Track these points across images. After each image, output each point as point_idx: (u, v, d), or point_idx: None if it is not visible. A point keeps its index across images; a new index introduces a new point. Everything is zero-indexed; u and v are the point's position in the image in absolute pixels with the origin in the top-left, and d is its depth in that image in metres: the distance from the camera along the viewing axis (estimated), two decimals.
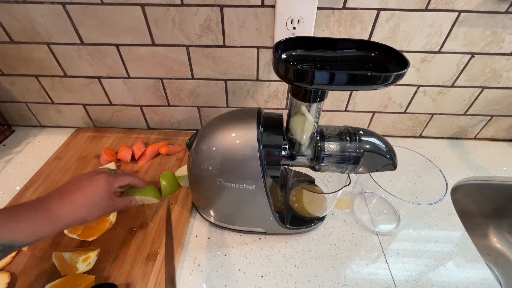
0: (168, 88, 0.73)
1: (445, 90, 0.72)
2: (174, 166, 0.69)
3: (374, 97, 0.73)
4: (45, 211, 0.39)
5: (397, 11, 0.58)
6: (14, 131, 0.83)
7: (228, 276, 0.50)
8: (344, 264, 0.52)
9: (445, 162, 0.75)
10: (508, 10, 0.58)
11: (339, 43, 0.40)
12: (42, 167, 0.69)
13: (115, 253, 0.51)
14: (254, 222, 0.54)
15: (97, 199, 0.44)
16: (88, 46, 0.65)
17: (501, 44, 0.63)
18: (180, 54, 0.66)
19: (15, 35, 0.64)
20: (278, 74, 0.36)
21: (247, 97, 0.74)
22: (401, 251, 0.55)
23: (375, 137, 0.46)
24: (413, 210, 0.53)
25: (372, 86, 0.34)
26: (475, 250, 0.55)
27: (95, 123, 0.83)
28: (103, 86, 0.73)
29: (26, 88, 0.74)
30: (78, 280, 0.45)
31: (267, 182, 0.47)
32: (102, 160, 0.69)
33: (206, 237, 0.56)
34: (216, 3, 0.57)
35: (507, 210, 0.76)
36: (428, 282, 0.50)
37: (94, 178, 0.45)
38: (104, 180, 0.45)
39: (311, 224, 0.56)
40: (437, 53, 0.64)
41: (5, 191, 0.64)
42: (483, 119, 0.78)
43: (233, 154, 0.45)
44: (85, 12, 0.60)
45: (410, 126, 0.81)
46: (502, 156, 0.77)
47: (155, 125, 0.83)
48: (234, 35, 0.62)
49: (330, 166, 0.46)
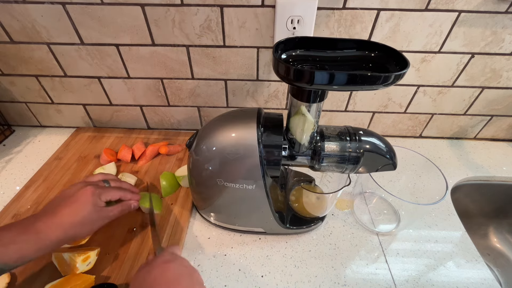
0: (168, 88, 0.73)
1: (445, 90, 0.72)
2: (174, 166, 0.69)
3: (374, 97, 0.73)
4: (33, 234, 0.38)
5: (397, 11, 0.58)
6: (14, 131, 0.83)
7: (228, 276, 0.50)
8: (344, 264, 0.52)
9: (445, 162, 0.75)
10: (508, 10, 0.58)
11: (339, 43, 0.40)
12: (42, 167, 0.69)
13: (115, 253, 0.51)
14: (254, 222, 0.54)
15: (85, 215, 0.42)
16: (88, 46, 0.65)
17: (501, 44, 0.63)
18: (180, 54, 0.66)
19: (15, 35, 0.64)
20: (278, 74, 0.36)
21: (247, 97, 0.74)
22: (401, 251, 0.55)
23: (375, 137, 0.46)
24: (413, 210, 0.53)
25: (372, 86, 0.34)
26: (475, 250, 0.55)
27: (95, 123, 0.83)
28: (103, 86, 0.73)
29: (26, 88, 0.74)
30: (78, 280, 0.45)
31: (267, 182, 0.47)
32: (102, 160, 0.69)
33: (206, 237, 0.56)
34: (216, 3, 0.57)
35: (507, 210, 0.76)
36: (428, 282, 0.50)
37: (79, 193, 0.44)
38: (90, 194, 0.44)
39: (311, 224, 0.56)
40: (437, 53, 0.64)
41: (5, 191, 0.64)
42: (483, 119, 0.78)
43: (233, 154, 0.45)
44: (85, 12, 0.60)
45: (410, 126, 0.81)
46: (502, 156, 0.77)
47: (155, 125, 0.83)
48: (234, 35, 0.62)
49: (330, 166, 0.46)
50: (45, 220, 0.40)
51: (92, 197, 0.44)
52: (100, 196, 0.45)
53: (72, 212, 0.42)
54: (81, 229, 0.43)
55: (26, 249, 0.37)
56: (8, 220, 0.56)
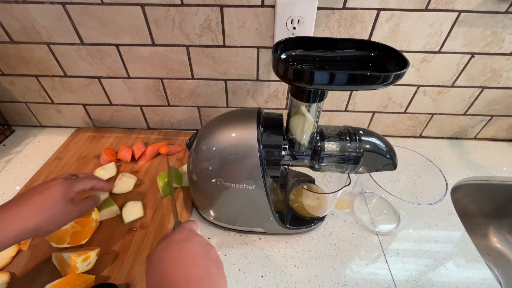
0: (168, 88, 0.73)
1: (445, 90, 0.72)
2: (174, 166, 0.69)
3: (374, 97, 0.73)
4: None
5: (397, 11, 0.58)
6: (14, 131, 0.83)
7: (228, 276, 0.50)
8: (344, 264, 0.52)
9: (445, 162, 0.75)
10: (508, 10, 0.58)
11: (338, 43, 0.40)
12: (42, 167, 0.69)
13: (115, 253, 0.51)
14: (254, 222, 0.54)
15: (50, 207, 0.40)
16: (88, 46, 0.65)
17: (501, 44, 0.63)
18: (180, 54, 0.66)
19: (15, 35, 0.64)
20: (277, 74, 0.36)
21: (247, 97, 0.74)
22: (401, 251, 0.55)
23: (375, 137, 0.46)
24: (413, 210, 0.53)
25: (372, 86, 0.34)
26: (475, 250, 0.55)
27: (95, 123, 0.83)
28: (103, 86, 0.73)
29: (26, 88, 0.74)
30: (78, 280, 0.45)
31: (267, 182, 0.47)
32: (102, 160, 0.69)
33: (206, 237, 0.56)
34: (216, 3, 0.57)
35: (507, 210, 0.76)
36: (428, 282, 0.50)
37: (47, 185, 0.42)
38: (59, 186, 0.42)
39: (311, 224, 0.56)
40: (437, 53, 0.64)
41: (5, 191, 0.64)
42: (483, 119, 0.78)
43: (233, 154, 0.45)
44: (85, 12, 0.60)
45: (410, 126, 0.81)
46: (502, 156, 0.77)
47: (155, 125, 0.83)
48: (234, 35, 0.62)
49: (330, 166, 0.46)
50: (5, 211, 0.38)
51: (62, 188, 0.42)
52: (71, 187, 0.43)
53: (36, 203, 0.40)
54: (45, 221, 0.40)
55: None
56: None
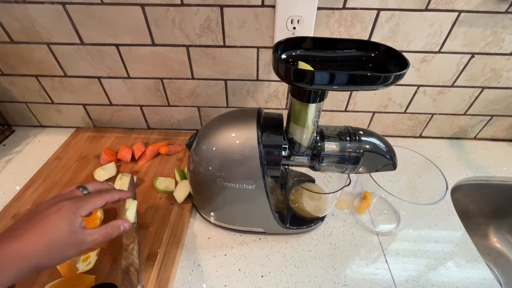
0: (168, 88, 0.73)
1: (445, 90, 0.72)
2: (174, 166, 0.69)
3: (374, 97, 0.73)
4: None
5: (397, 11, 0.58)
6: (14, 131, 0.83)
7: (228, 276, 0.50)
8: (344, 264, 0.52)
9: (445, 162, 0.75)
10: (508, 10, 0.58)
11: (339, 43, 0.40)
12: (42, 167, 0.69)
13: (115, 253, 0.51)
14: (254, 222, 0.54)
15: (54, 241, 0.33)
16: (88, 46, 0.65)
17: (501, 44, 0.63)
18: (180, 54, 0.66)
19: (15, 35, 0.64)
20: (278, 74, 0.36)
21: (247, 97, 0.74)
22: (401, 251, 0.55)
23: (375, 137, 0.46)
24: (413, 210, 0.53)
25: (372, 86, 0.34)
26: (475, 250, 0.55)
27: (95, 123, 0.83)
28: (103, 86, 0.73)
29: (26, 88, 0.74)
30: (78, 280, 0.45)
31: (267, 182, 0.47)
32: (102, 160, 0.69)
33: (206, 237, 0.56)
34: (216, 3, 0.57)
35: (507, 210, 0.76)
36: (428, 282, 0.50)
37: (52, 210, 0.35)
38: (65, 211, 0.35)
39: (311, 224, 0.56)
40: (437, 53, 0.64)
41: (5, 191, 0.64)
42: (483, 119, 0.78)
43: (233, 154, 0.45)
44: (85, 12, 0.60)
45: (410, 126, 0.81)
46: (502, 156, 0.77)
47: (155, 125, 0.83)
48: (234, 35, 0.62)
49: (330, 166, 0.46)
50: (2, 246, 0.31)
51: (67, 215, 0.35)
52: (78, 211, 0.36)
53: (38, 236, 0.33)
54: (48, 257, 0.33)
55: None
56: (8, 220, 0.56)
